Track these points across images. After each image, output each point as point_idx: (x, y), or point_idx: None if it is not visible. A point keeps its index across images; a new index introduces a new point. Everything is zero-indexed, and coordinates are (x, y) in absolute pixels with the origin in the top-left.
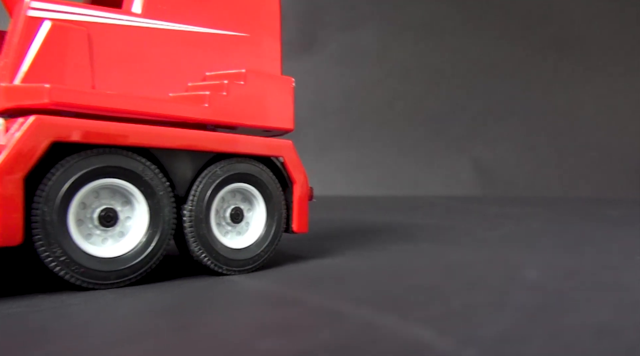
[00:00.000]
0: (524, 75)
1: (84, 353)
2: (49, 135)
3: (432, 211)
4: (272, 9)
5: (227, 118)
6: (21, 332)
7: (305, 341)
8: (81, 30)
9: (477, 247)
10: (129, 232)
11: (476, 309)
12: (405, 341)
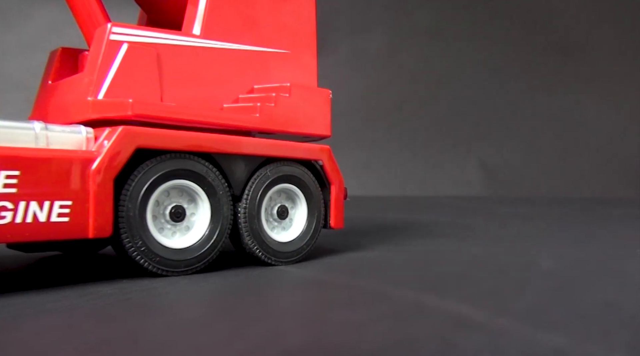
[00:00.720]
0: (529, 78)
1: (185, 323)
2: (134, 143)
3: (443, 210)
4: (309, 28)
5: (275, 126)
6: (129, 307)
7: (368, 312)
8: (152, 50)
9: (493, 242)
10: (193, 226)
11: (502, 290)
12: (447, 313)
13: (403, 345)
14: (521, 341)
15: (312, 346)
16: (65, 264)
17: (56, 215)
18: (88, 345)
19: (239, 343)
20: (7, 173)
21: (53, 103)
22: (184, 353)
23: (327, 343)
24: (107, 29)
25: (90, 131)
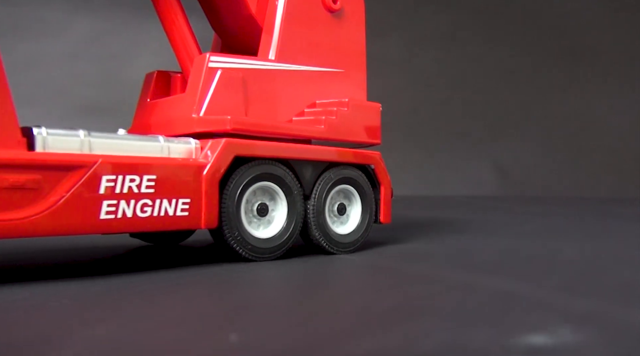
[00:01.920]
0: (541, 80)
1: (284, 296)
2: (234, 152)
3: (461, 209)
4: (360, 48)
5: (336, 136)
6: (238, 282)
7: (435, 286)
8: (239, 74)
9: (517, 237)
10: (274, 220)
11: (535, 273)
12: (495, 289)
13: (468, 310)
14: (558, 306)
15: (399, 309)
16: (166, 252)
17: (180, 210)
18: (226, 307)
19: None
20: (148, 177)
21: (154, 118)
22: (286, 310)
23: (410, 307)
24: (206, 58)
25: (197, 142)
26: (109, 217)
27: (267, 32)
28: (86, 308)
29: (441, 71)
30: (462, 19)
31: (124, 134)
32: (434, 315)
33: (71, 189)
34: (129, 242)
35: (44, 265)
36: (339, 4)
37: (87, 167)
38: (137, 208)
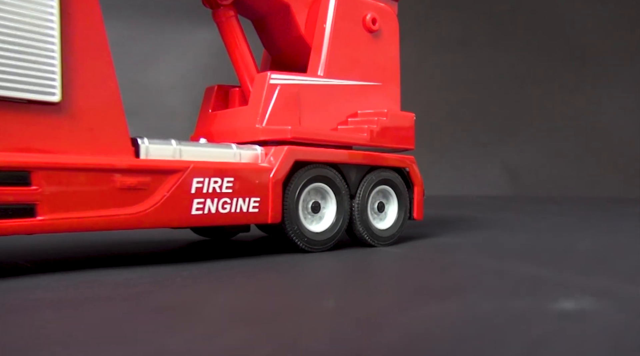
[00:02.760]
0: (550, 84)
1: (348, 277)
2: (294, 157)
3: (475, 208)
4: (394, 64)
5: (377, 143)
6: (310, 267)
7: (471, 270)
8: (294, 89)
9: (534, 232)
10: (325, 216)
11: (556, 260)
12: (523, 272)
13: (504, 287)
14: (578, 284)
15: (447, 286)
16: (228, 245)
17: (251, 207)
18: (309, 283)
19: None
20: (228, 179)
21: (216, 127)
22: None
23: (455, 285)
24: (267, 76)
25: (262, 149)
26: (198, 212)
27: (315, 51)
28: (205, 282)
29: (452, 75)
30: (472, 25)
31: (205, 143)
32: (478, 291)
33: (170, 189)
34: (188, 237)
35: (142, 254)
36: (378, 25)
37: (182, 171)
38: (219, 205)
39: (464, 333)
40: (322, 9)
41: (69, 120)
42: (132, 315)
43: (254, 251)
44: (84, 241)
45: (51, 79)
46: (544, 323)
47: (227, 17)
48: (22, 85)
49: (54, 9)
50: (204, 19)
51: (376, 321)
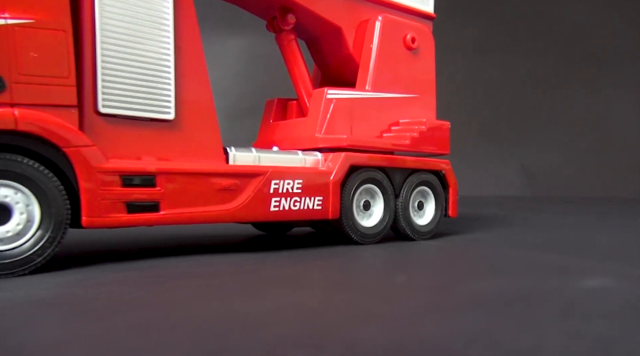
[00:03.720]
0: (567, 87)
1: (407, 262)
2: (350, 162)
3: (495, 207)
4: (431, 77)
5: (417, 148)
6: (371, 256)
7: (505, 259)
8: (347, 103)
9: (554, 228)
10: (373, 214)
11: (577, 251)
12: (550, 260)
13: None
14: (600, 269)
15: (489, 269)
16: (287, 238)
17: (316, 205)
18: (376, 266)
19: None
20: (298, 181)
21: (278, 135)
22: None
23: (495, 269)
24: (325, 92)
25: (321, 155)
26: (275, 209)
27: (363, 68)
28: (293, 263)
29: (470, 79)
30: (490, 30)
31: (277, 150)
32: (515, 273)
33: (254, 190)
34: (248, 231)
35: (226, 244)
36: (416, 44)
37: (263, 174)
38: (291, 203)
39: (515, 298)
40: (368, 30)
41: (179, 133)
42: (256, 281)
43: (313, 243)
44: (173, 234)
45: (168, 101)
46: (573, 294)
47: (289, 40)
48: (146, 106)
49: (170, 45)
50: (235, 29)
51: (446, 288)
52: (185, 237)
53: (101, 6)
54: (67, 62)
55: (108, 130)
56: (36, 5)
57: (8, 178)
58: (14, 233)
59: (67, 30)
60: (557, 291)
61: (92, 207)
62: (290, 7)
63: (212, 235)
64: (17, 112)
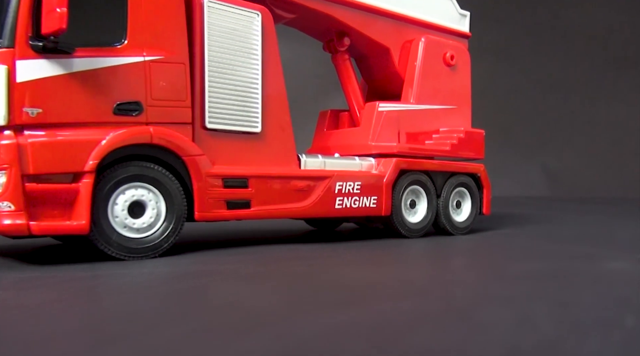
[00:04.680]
0: (587, 90)
1: (455, 249)
2: (400, 167)
3: (519, 207)
4: (466, 90)
5: (456, 154)
6: (424, 247)
7: (537, 249)
8: (395, 114)
9: (577, 226)
10: (418, 211)
11: (601, 243)
12: (578, 250)
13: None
14: (621, 257)
15: (526, 257)
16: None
17: (371, 203)
18: (427, 255)
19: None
20: (357, 183)
21: (332, 143)
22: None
23: (532, 256)
24: (376, 105)
25: (374, 160)
26: (339, 207)
27: (408, 83)
28: (358, 255)
29: (494, 83)
30: (513, 34)
31: (338, 156)
32: (549, 259)
33: (322, 191)
34: (298, 227)
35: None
36: (454, 61)
37: (329, 177)
38: (351, 202)
39: (553, 274)
40: (413, 49)
41: (263, 143)
42: (345, 262)
43: (363, 237)
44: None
45: (256, 117)
46: (599, 272)
47: (343, 59)
48: (240, 122)
49: (258, 72)
50: None
51: (498, 268)
52: (254, 231)
53: (209, 43)
54: (185, 89)
55: (212, 142)
56: (165, 45)
57: (143, 181)
58: (147, 224)
59: (185, 63)
60: (586, 271)
61: (202, 204)
62: (346, 31)
63: (275, 230)
64: (152, 129)
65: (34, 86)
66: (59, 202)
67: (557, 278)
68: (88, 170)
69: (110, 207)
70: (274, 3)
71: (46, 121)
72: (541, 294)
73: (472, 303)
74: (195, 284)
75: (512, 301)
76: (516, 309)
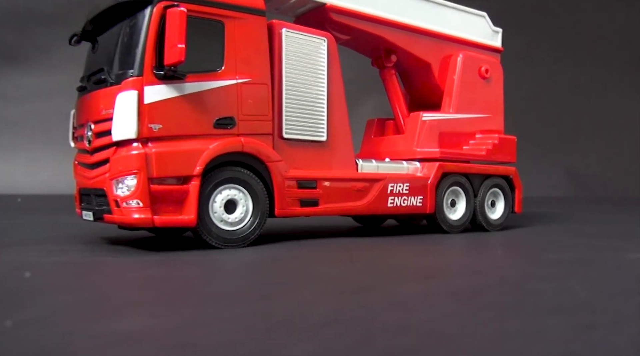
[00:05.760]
0: (608, 92)
1: (496, 242)
2: (443, 170)
3: (544, 206)
4: (499, 100)
5: (491, 158)
6: (463, 240)
7: (569, 242)
8: (437, 122)
9: (601, 223)
10: (458, 209)
11: (624, 238)
12: (602, 244)
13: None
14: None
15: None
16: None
17: (418, 202)
18: (474, 246)
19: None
20: (406, 184)
21: (380, 148)
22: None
23: (565, 246)
24: (420, 115)
25: (419, 164)
26: (391, 205)
27: (447, 94)
28: (413, 245)
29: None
30: (535, 39)
31: (388, 161)
32: (578, 250)
33: (377, 191)
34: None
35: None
36: (489, 74)
37: (383, 180)
38: (401, 201)
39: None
40: (451, 64)
41: (328, 150)
42: (402, 251)
43: (406, 232)
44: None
45: (322, 128)
46: (622, 260)
47: (390, 74)
48: (309, 132)
49: (324, 88)
50: None
51: (533, 256)
52: (311, 228)
53: (286, 66)
54: (267, 105)
55: (287, 149)
56: (252, 69)
57: (236, 183)
58: (238, 219)
59: (268, 83)
60: (610, 259)
61: (281, 203)
62: (393, 49)
63: (325, 226)
64: (243, 139)
65: (157, 106)
66: (173, 200)
67: (586, 264)
68: (196, 174)
69: (211, 204)
70: (333, 27)
71: (165, 134)
72: (574, 274)
73: (520, 279)
74: (295, 266)
75: (551, 278)
76: (556, 282)
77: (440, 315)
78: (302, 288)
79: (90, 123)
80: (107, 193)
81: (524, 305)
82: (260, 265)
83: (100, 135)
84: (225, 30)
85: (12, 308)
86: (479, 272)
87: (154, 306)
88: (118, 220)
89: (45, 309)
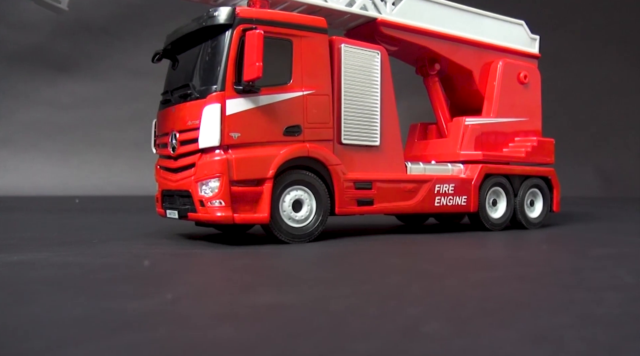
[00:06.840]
0: None
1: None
2: (485, 171)
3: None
4: (537, 104)
5: (530, 159)
6: (506, 236)
7: (607, 237)
8: (479, 126)
9: (634, 222)
10: (499, 208)
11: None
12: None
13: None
14: None
15: (603, 243)
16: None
17: (462, 202)
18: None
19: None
20: (452, 185)
21: (425, 151)
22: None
23: (605, 242)
24: (464, 119)
25: (462, 166)
26: (437, 204)
27: (488, 99)
28: (460, 241)
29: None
30: (567, 40)
31: (435, 163)
32: (617, 246)
33: (425, 191)
34: (391, 222)
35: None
36: (527, 80)
37: (430, 181)
38: (447, 200)
39: (624, 255)
40: (492, 70)
41: (381, 154)
42: (453, 245)
43: (448, 230)
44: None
45: (376, 133)
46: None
47: (434, 81)
48: (365, 137)
49: (378, 97)
50: None
51: (577, 251)
52: (357, 226)
53: (344, 78)
54: (329, 114)
55: (345, 154)
56: (316, 81)
57: (301, 185)
58: (304, 217)
59: (329, 94)
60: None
61: (341, 202)
62: (436, 58)
63: (371, 225)
64: (308, 145)
65: (236, 117)
66: (250, 200)
67: (629, 257)
68: (269, 176)
69: (280, 203)
70: (382, 39)
71: (242, 142)
72: (620, 264)
73: (571, 269)
74: (370, 257)
75: (599, 268)
76: (605, 272)
77: (513, 290)
78: (390, 275)
79: (175, 132)
80: (192, 194)
81: (581, 284)
82: (337, 257)
83: (185, 143)
84: (294, 47)
85: (166, 286)
86: (533, 263)
87: (274, 287)
88: (202, 218)
89: (193, 287)
